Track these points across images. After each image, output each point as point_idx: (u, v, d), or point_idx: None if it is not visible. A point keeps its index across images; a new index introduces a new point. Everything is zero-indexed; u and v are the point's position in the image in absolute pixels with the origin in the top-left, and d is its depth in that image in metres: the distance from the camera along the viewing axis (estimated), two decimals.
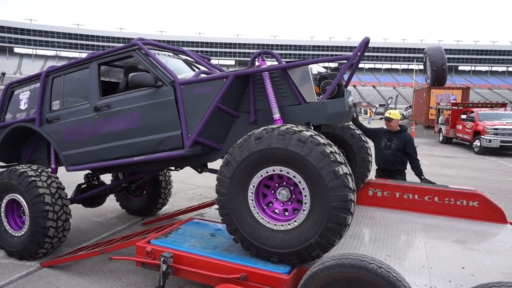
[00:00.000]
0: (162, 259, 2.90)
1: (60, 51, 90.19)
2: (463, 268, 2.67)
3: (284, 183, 2.73)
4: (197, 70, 4.24)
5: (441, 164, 11.71)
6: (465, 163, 12.13)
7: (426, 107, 22.99)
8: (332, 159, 2.47)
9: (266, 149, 2.60)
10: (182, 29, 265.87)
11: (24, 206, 3.97)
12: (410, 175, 5.11)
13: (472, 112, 15.78)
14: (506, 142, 13.65)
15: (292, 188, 2.71)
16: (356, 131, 4.34)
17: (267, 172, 2.67)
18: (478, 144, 14.40)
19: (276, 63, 3.38)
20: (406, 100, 68.50)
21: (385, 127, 5.24)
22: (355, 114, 4.08)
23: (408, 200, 4.05)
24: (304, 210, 2.57)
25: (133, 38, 4.22)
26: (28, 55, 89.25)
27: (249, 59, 3.73)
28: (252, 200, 2.73)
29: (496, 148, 13.79)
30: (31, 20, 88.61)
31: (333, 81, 3.07)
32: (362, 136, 4.36)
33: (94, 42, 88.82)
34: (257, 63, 3.60)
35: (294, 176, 2.57)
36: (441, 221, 3.72)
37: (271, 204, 2.81)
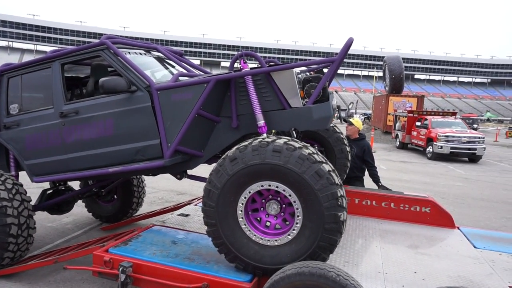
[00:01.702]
0: (120, 268, 2.82)
1: (61, 47, 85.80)
2: (415, 272, 2.82)
3: (270, 196, 2.67)
4: (170, 68, 4.02)
5: (397, 169, 12.29)
6: (419, 168, 12.81)
7: (384, 113, 24.06)
8: (312, 160, 2.44)
9: (244, 168, 2.53)
10: (186, 30, 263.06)
11: None
12: (368, 180, 5.32)
13: (426, 119, 16.72)
14: (455, 148, 14.58)
15: (279, 199, 2.64)
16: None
17: (249, 192, 2.59)
18: (431, 150, 15.26)
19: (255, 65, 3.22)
20: (366, 105, 71.19)
21: (344, 131, 5.41)
22: (339, 118, 4.03)
23: (366, 206, 4.21)
24: (298, 216, 2.52)
25: (136, 37, 3.91)
26: (30, 51, 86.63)
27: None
28: (245, 224, 2.64)
29: (447, 154, 14.69)
30: (33, 15, 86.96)
31: (318, 85, 2.96)
32: (336, 128, 4.33)
33: (96, 39, 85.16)
34: (238, 65, 3.41)
35: (277, 187, 2.52)
36: (397, 227, 3.90)
37: (268, 223, 2.71)
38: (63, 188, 4.83)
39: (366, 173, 5.34)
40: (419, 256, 3.14)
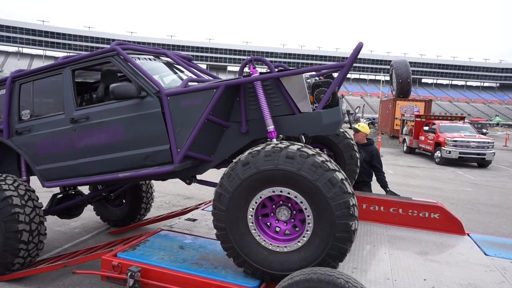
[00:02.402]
0: (129, 273, 2.82)
1: (70, 52, 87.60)
2: (424, 280, 2.78)
3: (281, 202, 2.65)
4: (179, 73, 4.03)
5: (404, 174, 12.19)
6: (426, 173, 12.70)
7: (391, 117, 23.92)
8: (325, 168, 2.43)
9: (256, 173, 2.52)
10: (192, 35, 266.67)
11: None
12: (376, 185, 5.29)
13: (434, 124, 16.60)
14: (464, 153, 14.44)
15: (290, 205, 2.63)
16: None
17: (260, 198, 2.59)
18: (439, 155, 15.13)
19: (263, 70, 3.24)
20: (373, 110, 70.88)
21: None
22: (349, 122, 4.05)
23: (374, 212, 4.18)
24: (309, 223, 2.50)
25: (143, 42, 3.94)
26: (39, 56, 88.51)
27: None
28: (255, 229, 2.63)
29: (455, 159, 14.55)
30: (43, 21, 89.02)
31: (328, 90, 2.95)
32: (346, 134, 4.31)
33: (104, 45, 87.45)
34: (247, 70, 3.41)
35: (289, 193, 2.51)
36: (405, 233, 3.86)
37: (278, 229, 2.70)
38: (73, 192, 4.87)
39: (374, 178, 5.31)
40: (429, 263, 3.10)
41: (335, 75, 3.24)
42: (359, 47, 2.82)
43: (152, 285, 2.84)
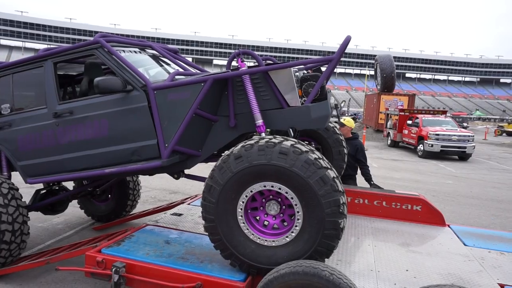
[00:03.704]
0: (114, 269, 2.80)
1: (51, 44, 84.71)
2: (407, 270, 2.86)
3: (271, 196, 2.66)
4: (165, 66, 3.95)
5: (388, 167, 12.41)
6: (410, 166, 12.96)
7: (376, 112, 24.24)
8: (318, 166, 2.44)
9: (248, 167, 2.51)
10: (177, 28, 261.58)
11: None
12: (360, 178, 5.36)
13: (417, 118, 16.90)
14: (445, 147, 14.78)
15: (280, 200, 2.64)
16: (329, 124, 4.27)
17: (251, 192, 2.59)
18: (422, 148, 15.45)
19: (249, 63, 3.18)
20: (358, 103, 71.63)
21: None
22: (337, 116, 4.01)
23: (358, 205, 4.24)
24: (298, 219, 2.52)
25: (127, 35, 3.83)
26: (18, 48, 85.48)
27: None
28: (244, 222, 2.63)
29: (437, 152, 14.89)
30: (22, 12, 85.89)
31: (316, 83, 2.94)
32: (336, 129, 4.33)
33: (86, 37, 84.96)
34: (235, 64, 3.35)
35: (280, 188, 2.52)
36: (388, 225, 3.94)
37: (266, 223, 2.71)
38: (57, 188, 4.77)
39: (359, 171, 5.38)
40: (411, 254, 3.18)
41: (323, 69, 3.24)
42: (347, 41, 2.81)
43: (137, 280, 2.83)
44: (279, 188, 2.53)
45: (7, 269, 3.64)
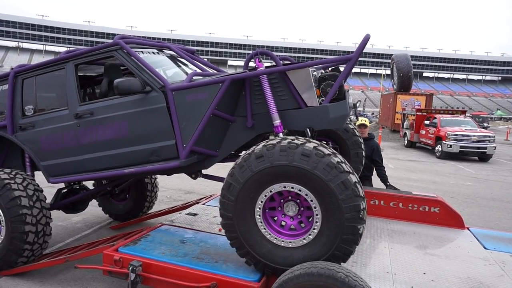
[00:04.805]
0: (130, 268, 2.85)
1: (70, 47, 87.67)
2: (424, 273, 2.80)
3: (290, 197, 2.65)
4: (183, 67, 3.99)
5: (405, 168, 12.19)
6: (427, 167, 12.70)
7: (392, 112, 23.87)
8: (340, 169, 2.41)
9: (269, 168, 2.50)
10: (192, 29, 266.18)
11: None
12: (376, 179, 5.30)
13: (435, 118, 16.56)
14: (465, 147, 14.42)
15: (299, 201, 2.63)
16: (349, 125, 4.26)
17: (270, 191, 2.58)
18: (440, 149, 15.12)
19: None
20: (374, 103, 70.71)
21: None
22: (355, 115, 3.96)
23: (374, 206, 4.19)
24: (316, 222, 2.51)
25: (144, 37, 3.90)
26: (39, 51, 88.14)
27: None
28: (262, 222, 2.63)
29: (456, 153, 14.53)
30: (42, 16, 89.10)
31: (334, 83, 2.92)
32: (355, 131, 4.29)
33: (104, 39, 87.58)
34: (252, 64, 3.37)
35: (300, 190, 2.51)
36: (405, 227, 3.88)
37: (284, 223, 2.70)
38: (78, 187, 4.87)
39: (374, 172, 5.32)
40: (428, 257, 3.12)
41: (341, 68, 3.21)
42: (366, 40, 2.76)
43: (154, 279, 2.87)
44: (299, 190, 2.51)
45: (28, 266, 3.74)
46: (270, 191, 2.59)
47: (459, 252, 3.26)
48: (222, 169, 3.72)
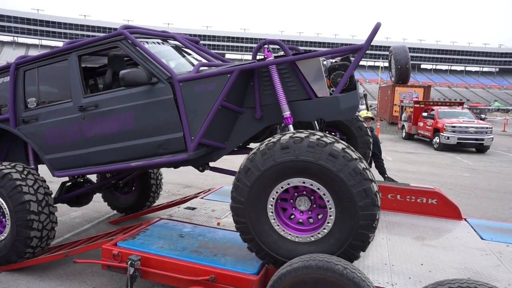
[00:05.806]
0: (129, 262, 2.86)
1: (68, 41, 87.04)
2: (421, 264, 2.82)
3: (304, 192, 2.61)
4: (188, 57, 3.90)
5: (403, 160, 12.22)
6: (425, 159, 12.73)
7: (390, 104, 23.87)
8: (364, 176, 2.36)
9: (294, 161, 2.44)
10: (189, 22, 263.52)
11: (5, 208, 3.56)
12: (374, 172, 5.30)
13: (433, 110, 16.56)
14: (462, 139, 14.45)
15: (313, 197, 2.59)
16: (364, 123, 4.21)
17: (288, 184, 2.52)
18: (438, 140, 15.15)
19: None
20: (372, 96, 70.64)
21: None
22: (366, 106, 3.85)
23: None
24: (328, 223, 2.48)
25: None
26: (35, 46, 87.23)
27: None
28: (272, 212, 2.59)
29: (453, 144, 14.57)
30: (38, 10, 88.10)
31: (345, 73, 2.85)
32: (368, 131, 4.25)
33: (100, 33, 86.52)
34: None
35: (319, 188, 2.47)
36: (403, 218, 3.90)
37: (293, 216, 2.67)
38: (82, 180, 4.83)
39: (373, 164, 5.33)
40: (426, 248, 3.14)
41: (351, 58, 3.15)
42: (376, 28, 2.68)
43: (152, 273, 2.88)
44: (318, 188, 2.47)
45: (28, 261, 3.75)
46: (288, 184, 2.53)
47: (457, 243, 3.28)
48: (221, 162, 3.71)
